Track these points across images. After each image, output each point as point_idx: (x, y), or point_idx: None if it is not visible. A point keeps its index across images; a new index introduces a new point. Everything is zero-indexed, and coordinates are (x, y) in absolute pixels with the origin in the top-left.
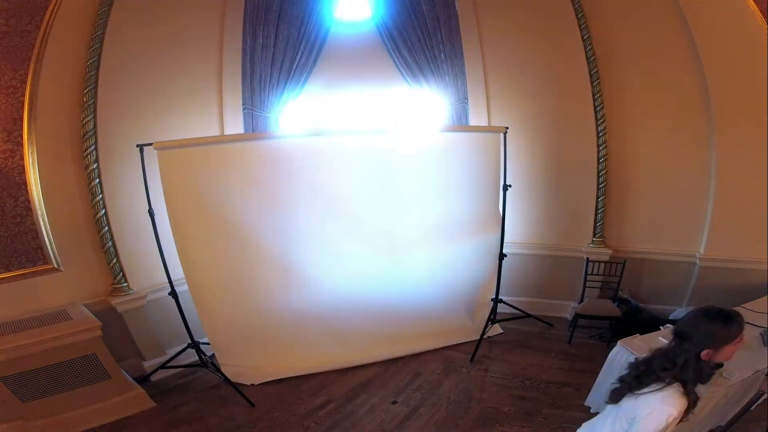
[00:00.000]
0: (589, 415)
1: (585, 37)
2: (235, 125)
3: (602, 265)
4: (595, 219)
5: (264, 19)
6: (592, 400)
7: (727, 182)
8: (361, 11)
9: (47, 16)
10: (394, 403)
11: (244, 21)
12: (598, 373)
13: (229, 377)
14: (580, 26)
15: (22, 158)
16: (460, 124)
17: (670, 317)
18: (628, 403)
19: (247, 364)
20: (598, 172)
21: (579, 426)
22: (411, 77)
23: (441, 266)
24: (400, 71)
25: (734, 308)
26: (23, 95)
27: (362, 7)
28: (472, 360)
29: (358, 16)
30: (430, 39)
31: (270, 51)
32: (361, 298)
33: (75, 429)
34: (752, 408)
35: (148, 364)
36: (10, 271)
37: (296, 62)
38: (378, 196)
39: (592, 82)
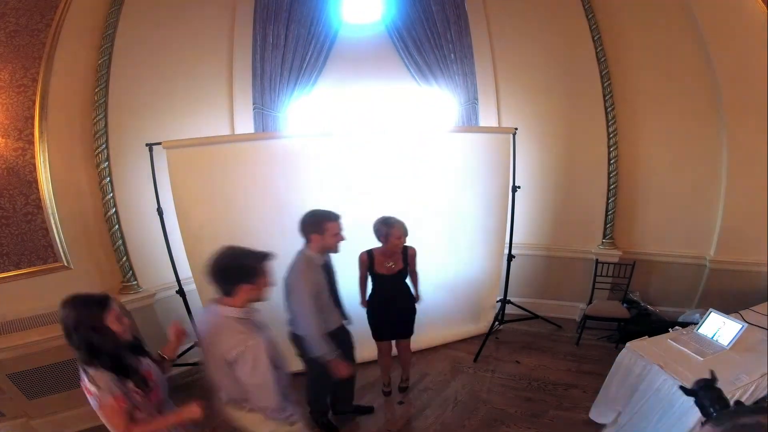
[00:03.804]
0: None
1: (596, 38)
2: (245, 124)
3: (612, 266)
4: (605, 220)
5: (274, 18)
6: (599, 403)
7: (737, 184)
8: (370, 11)
9: (57, 14)
10: (400, 403)
11: (254, 21)
12: (606, 375)
13: None
14: (590, 27)
15: (33, 156)
16: (470, 124)
17: (679, 319)
18: None
19: None
20: (609, 174)
21: None
22: (420, 77)
23: (446, 268)
24: (410, 71)
25: (741, 311)
26: (35, 93)
27: (371, 7)
28: (475, 360)
29: (368, 16)
30: (440, 39)
31: (280, 51)
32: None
33: (79, 426)
34: None
35: None
36: (19, 268)
37: (306, 62)
38: (385, 196)
39: (603, 83)
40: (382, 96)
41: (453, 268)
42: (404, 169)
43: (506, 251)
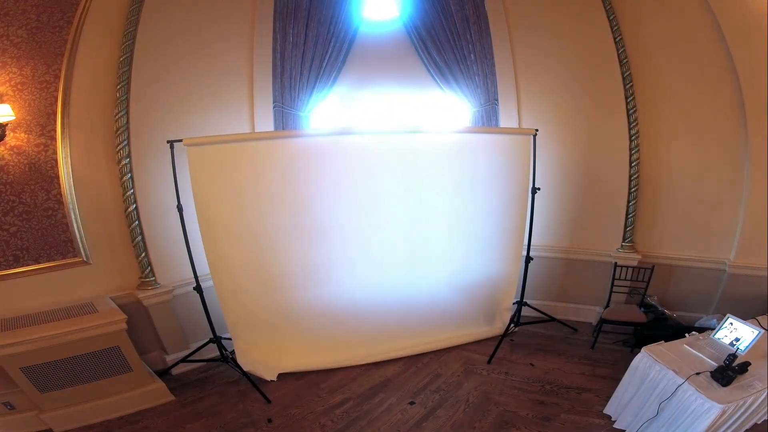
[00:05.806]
0: (607, 422)
1: (617, 39)
2: (265, 123)
3: (630, 270)
4: (625, 223)
5: (294, 17)
6: (611, 408)
7: (759, 188)
8: (389, 10)
9: (79, 11)
10: (411, 403)
11: (275, 19)
12: (620, 380)
13: (248, 371)
14: (612, 28)
15: (55, 152)
16: (490, 125)
17: (696, 324)
18: None
19: (267, 359)
20: (630, 176)
21: None
22: (440, 77)
23: (463, 269)
24: (429, 71)
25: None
26: (57, 90)
27: (390, 7)
28: (489, 362)
29: (387, 16)
30: (459, 39)
31: (300, 49)
32: (381, 297)
33: (91, 420)
34: None
35: (171, 358)
36: (39, 263)
37: (326, 60)
38: (403, 196)
39: (624, 85)
40: (402, 95)
41: (470, 269)
42: (424, 169)
43: (524, 253)
